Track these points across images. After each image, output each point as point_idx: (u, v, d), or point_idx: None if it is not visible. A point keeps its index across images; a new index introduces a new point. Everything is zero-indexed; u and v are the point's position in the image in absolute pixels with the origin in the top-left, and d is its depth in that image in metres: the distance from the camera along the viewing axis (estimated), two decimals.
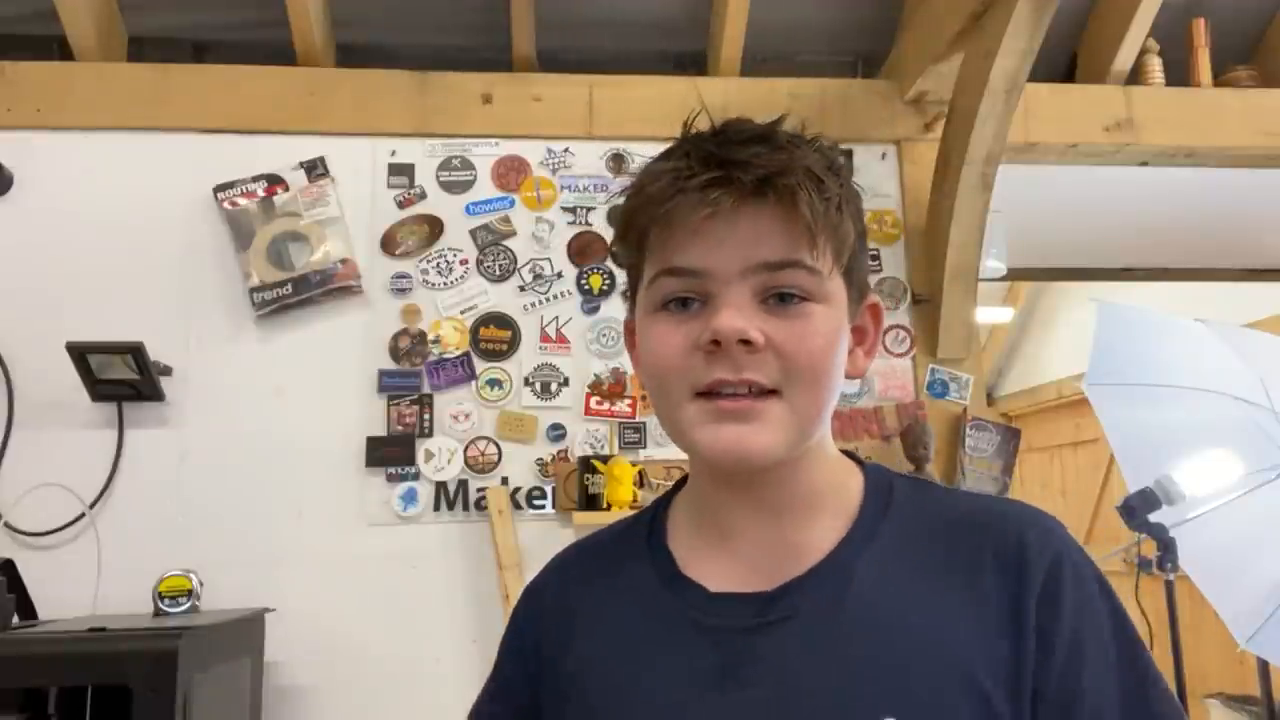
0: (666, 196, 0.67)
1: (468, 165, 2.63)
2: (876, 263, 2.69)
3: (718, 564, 0.74)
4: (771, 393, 0.67)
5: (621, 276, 2.68)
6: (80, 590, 2.29)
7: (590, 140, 2.67)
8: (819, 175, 0.67)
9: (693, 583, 0.74)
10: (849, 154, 2.74)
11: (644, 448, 2.53)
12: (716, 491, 0.75)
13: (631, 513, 0.87)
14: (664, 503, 0.83)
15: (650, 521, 0.81)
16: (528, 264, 2.60)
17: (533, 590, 0.85)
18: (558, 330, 2.56)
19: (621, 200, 0.73)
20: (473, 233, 2.60)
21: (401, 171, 2.61)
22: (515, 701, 0.81)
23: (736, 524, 0.74)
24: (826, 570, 0.70)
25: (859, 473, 0.77)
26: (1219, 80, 2.86)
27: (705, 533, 0.76)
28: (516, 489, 2.47)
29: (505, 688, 0.83)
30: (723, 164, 0.66)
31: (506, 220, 2.61)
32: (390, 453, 2.46)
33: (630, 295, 0.77)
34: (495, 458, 2.49)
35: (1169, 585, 2.05)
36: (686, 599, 0.73)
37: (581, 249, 2.62)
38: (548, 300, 2.58)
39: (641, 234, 0.71)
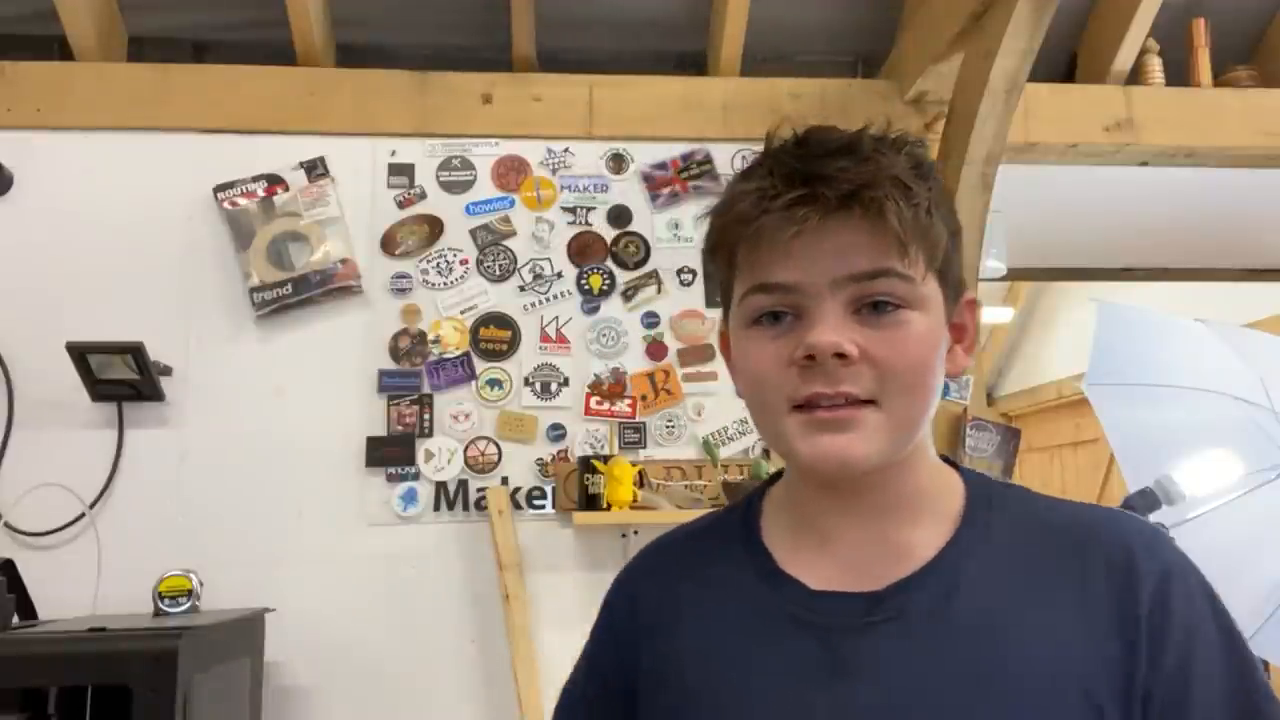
0: (753, 216, 0.67)
1: (468, 165, 2.63)
2: None
3: (818, 564, 0.74)
4: (868, 402, 0.67)
5: (622, 277, 2.69)
6: (80, 590, 2.29)
7: (590, 140, 2.67)
8: (906, 183, 0.67)
9: (792, 579, 0.74)
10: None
11: (644, 448, 2.53)
12: (818, 496, 0.75)
13: (713, 510, 0.88)
14: (754, 500, 0.83)
15: (742, 518, 0.81)
16: (528, 264, 2.60)
17: (625, 578, 0.86)
18: (558, 330, 2.56)
19: (709, 216, 0.74)
20: (473, 233, 2.60)
21: (401, 171, 2.61)
22: (606, 685, 0.83)
23: (837, 527, 0.74)
24: (934, 572, 0.70)
25: (958, 476, 0.77)
26: (1219, 80, 2.86)
27: (804, 534, 0.76)
28: (516, 489, 2.47)
29: (596, 671, 0.85)
30: (807, 180, 0.66)
31: (506, 220, 2.61)
32: (390, 453, 2.46)
33: (723, 306, 0.77)
34: (495, 458, 2.49)
35: None
36: (786, 595, 0.73)
37: (581, 249, 2.62)
38: (548, 300, 2.58)
39: (730, 252, 0.71)
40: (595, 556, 2.46)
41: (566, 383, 2.54)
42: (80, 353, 2.28)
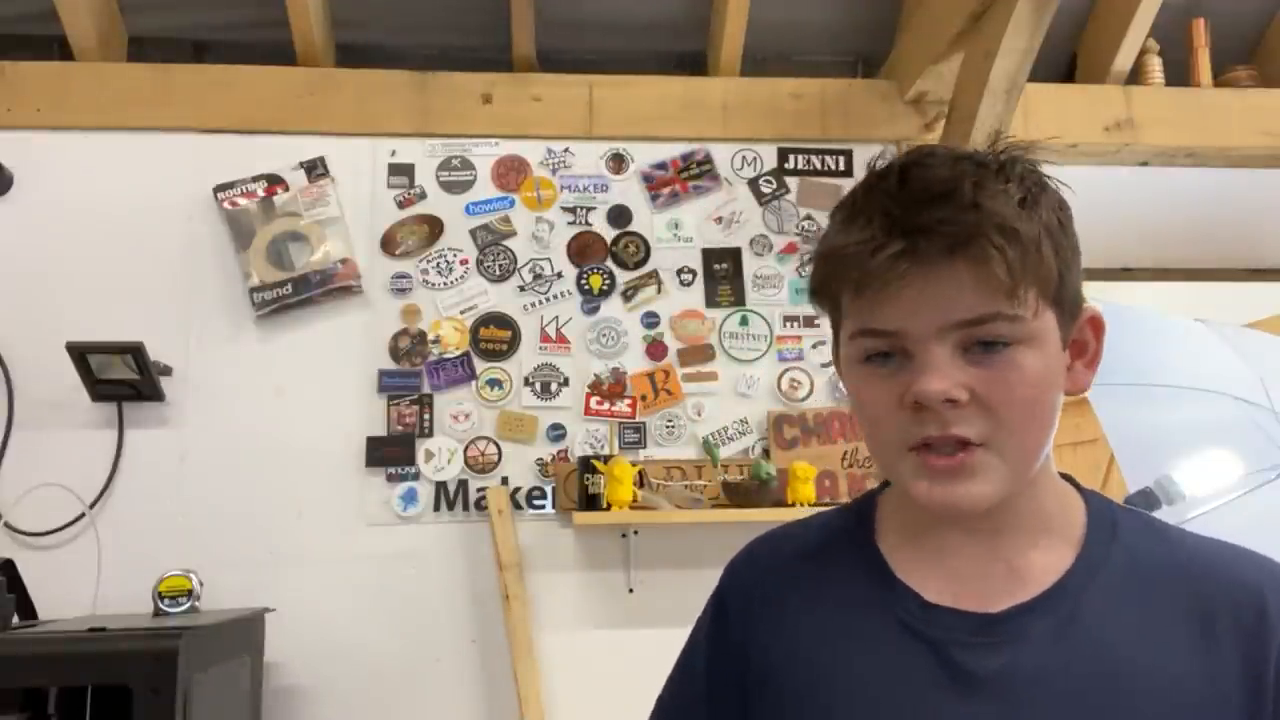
0: (854, 266, 0.67)
1: (468, 165, 2.62)
2: None
3: (933, 576, 0.74)
4: (982, 444, 0.67)
5: (622, 276, 2.69)
6: (80, 590, 2.29)
7: (590, 140, 2.67)
8: (1012, 225, 0.65)
9: (906, 588, 0.74)
10: (848, 154, 2.75)
11: (644, 448, 2.53)
12: (936, 515, 0.74)
13: (826, 509, 0.88)
14: (868, 501, 0.83)
15: (858, 519, 0.81)
16: (528, 264, 2.59)
17: (739, 568, 0.86)
18: (558, 330, 2.56)
19: (810, 259, 0.74)
20: (473, 233, 2.60)
21: (401, 171, 2.61)
22: (720, 675, 0.82)
23: (954, 543, 0.74)
24: (1053, 599, 0.70)
25: (1081, 500, 0.76)
26: (1219, 80, 2.86)
27: (920, 544, 0.76)
28: (516, 489, 2.47)
29: (710, 662, 0.83)
30: (908, 232, 0.65)
31: (506, 220, 2.61)
32: (390, 453, 2.46)
33: (833, 335, 0.77)
34: (495, 458, 2.49)
35: None
36: (900, 603, 0.73)
37: (581, 249, 2.62)
38: (548, 300, 2.58)
39: (835, 296, 0.72)
40: (595, 556, 2.46)
41: (566, 383, 2.54)
42: (80, 353, 2.28)
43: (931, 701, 0.68)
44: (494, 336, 2.55)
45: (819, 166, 2.72)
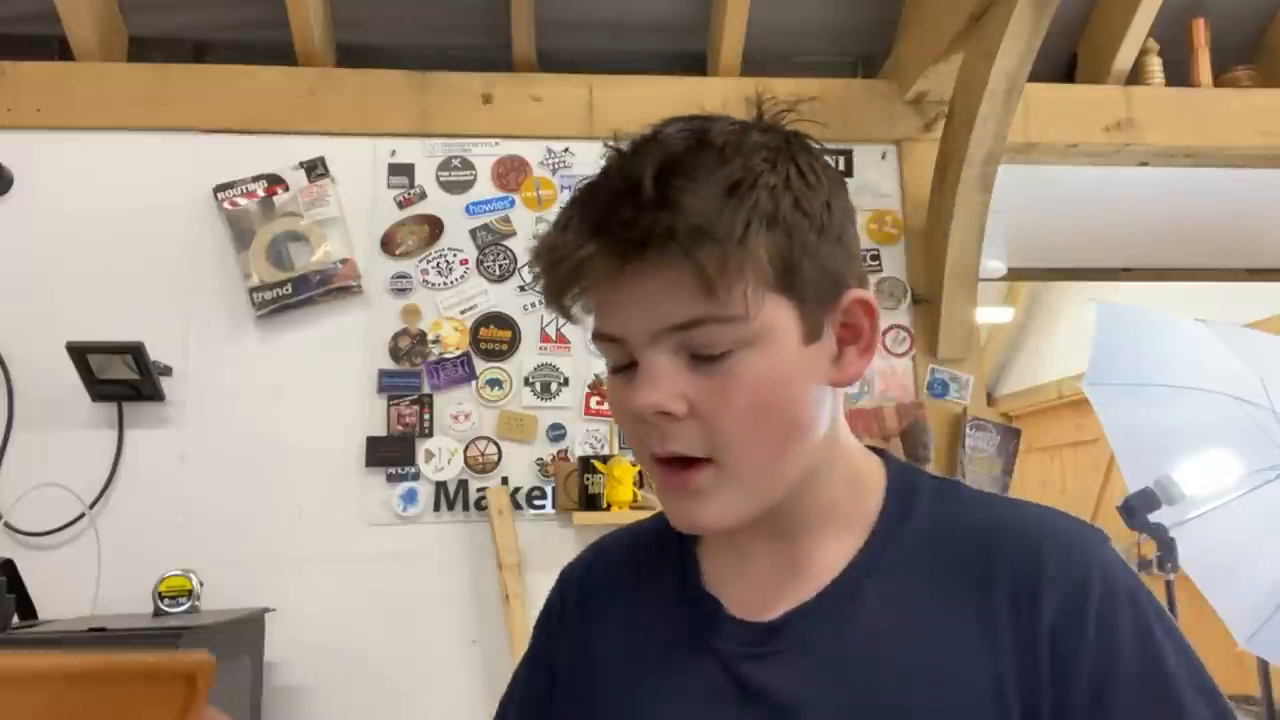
0: (555, 273, 0.63)
1: (468, 165, 2.63)
2: (877, 262, 2.69)
3: (736, 584, 0.71)
4: (708, 459, 0.63)
5: None
6: (80, 590, 2.29)
7: (590, 140, 2.67)
8: (697, 224, 0.58)
9: (710, 598, 0.71)
10: (848, 154, 2.74)
11: None
12: None
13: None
14: None
15: None
16: (528, 264, 2.60)
17: (565, 576, 0.84)
18: (557, 330, 2.56)
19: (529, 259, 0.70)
20: (473, 233, 2.60)
21: (401, 171, 2.61)
22: (545, 682, 0.80)
23: (748, 544, 0.71)
24: (831, 596, 0.67)
25: (882, 478, 0.71)
26: (1219, 80, 2.86)
27: (727, 550, 0.73)
28: (516, 489, 2.47)
29: (536, 669, 0.82)
30: (597, 230, 0.60)
31: (506, 220, 2.61)
32: (390, 453, 2.45)
33: None
34: (495, 458, 2.49)
35: (1169, 585, 2.05)
36: (697, 615, 0.71)
37: None
38: None
39: (556, 304, 0.66)
40: None
41: (566, 383, 2.54)
42: (80, 353, 2.28)
43: (710, 717, 0.66)
44: (494, 336, 2.55)
45: None
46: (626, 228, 0.59)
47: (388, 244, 2.57)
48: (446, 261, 2.57)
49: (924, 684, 0.62)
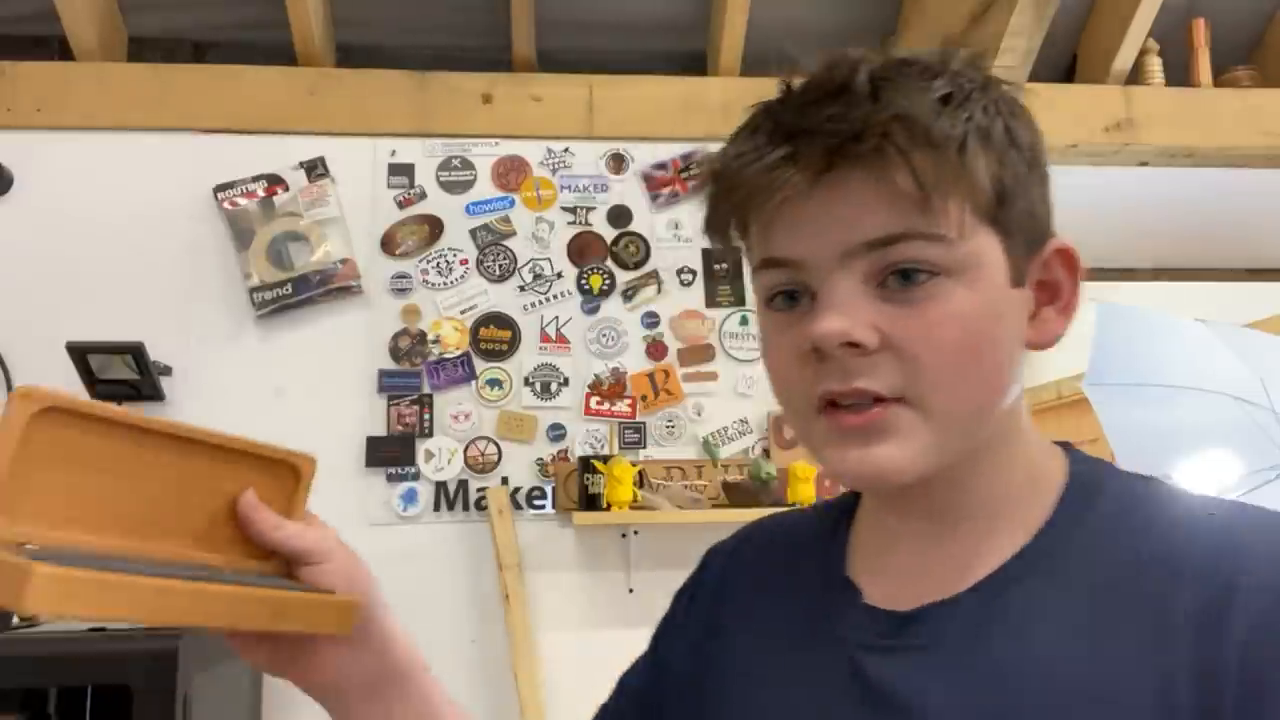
0: (738, 184, 0.57)
1: (468, 165, 2.63)
2: None
3: (881, 571, 0.64)
4: (900, 399, 0.55)
5: (622, 276, 2.69)
6: None
7: (590, 140, 2.67)
8: (921, 119, 0.52)
9: (849, 584, 0.64)
10: None
11: (644, 448, 2.53)
12: (874, 497, 0.66)
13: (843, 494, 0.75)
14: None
15: (842, 506, 0.71)
16: (528, 264, 2.59)
17: (710, 554, 0.78)
18: (558, 330, 2.56)
19: (699, 185, 0.63)
20: (473, 233, 2.60)
21: (401, 171, 2.61)
22: (662, 672, 0.75)
23: (897, 531, 0.64)
24: (979, 594, 0.58)
25: (1065, 473, 0.61)
26: (1219, 80, 2.86)
27: (876, 534, 0.66)
28: (516, 489, 2.47)
29: (658, 657, 0.77)
30: (792, 135, 0.54)
31: (506, 220, 2.61)
32: (390, 453, 2.45)
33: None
34: (495, 458, 2.49)
35: None
36: (835, 604, 0.64)
37: (581, 249, 2.62)
38: (548, 300, 2.58)
39: (723, 225, 0.60)
40: (595, 556, 2.46)
41: (566, 383, 2.54)
42: (80, 353, 2.28)
43: (833, 714, 0.60)
44: (494, 336, 2.55)
45: None
46: (836, 121, 0.53)
47: (388, 244, 2.57)
48: (446, 261, 2.57)
49: (1076, 702, 0.52)
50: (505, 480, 2.48)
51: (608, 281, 2.61)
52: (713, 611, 0.73)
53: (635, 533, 2.45)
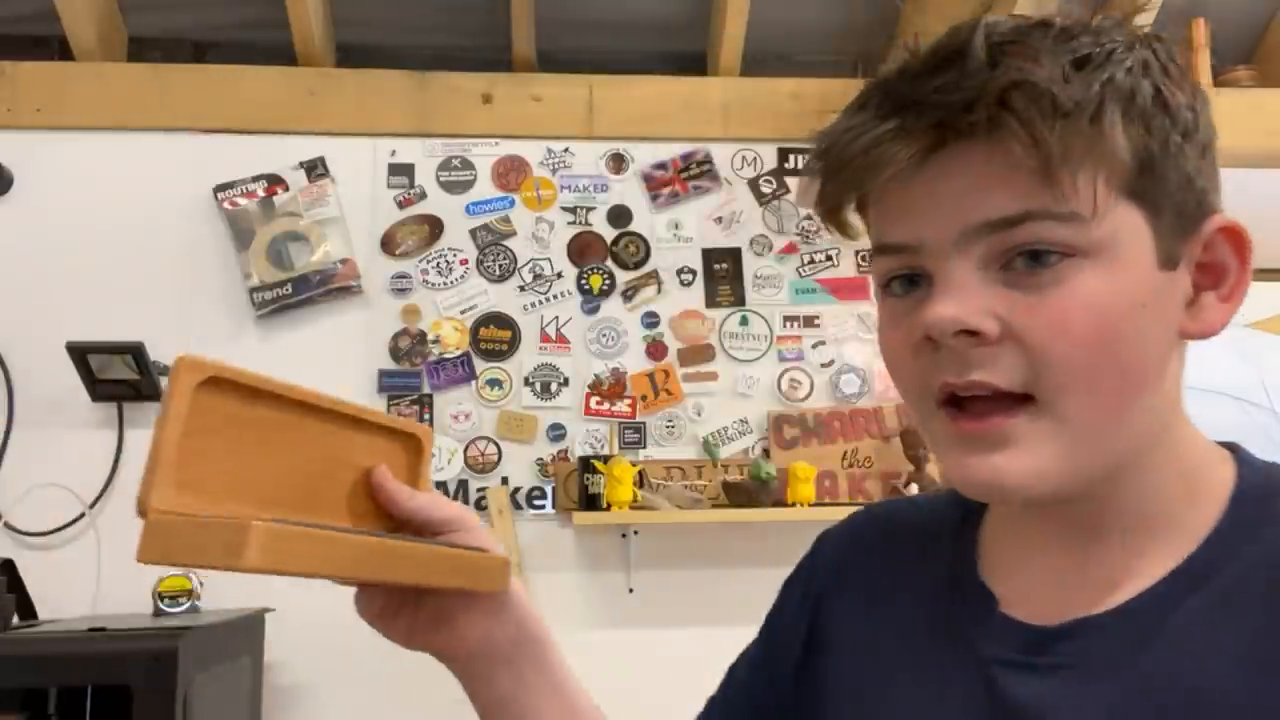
0: (843, 162, 0.51)
1: (468, 165, 2.63)
2: None
3: (1019, 578, 0.58)
4: (1026, 398, 0.49)
5: (622, 276, 2.69)
6: (80, 590, 2.29)
7: (590, 140, 2.67)
8: (1043, 85, 0.46)
9: (983, 590, 0.58)
10: None
11: (644, 448, 2.53)
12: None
13: None
14: None
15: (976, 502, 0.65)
16: (528, 264, 2.59)
17: (820, 542, 0.73)
18: (558, 330, 2.56)
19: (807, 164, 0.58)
20: (473, 233, 2.60)
21: (401, 171, 2.61)
22: (774, 668, 0.70)
23: (1035, 540, 0.57)
24: (1132, 613, 0.52)
25: (1232, 479, 0.54)
26: (1219, 80, 2.86)
27: (1010, 537, 0.60)
28: (516, 489, 2.47)
29: (768, 649, 0.72)
30: (900, 109, 0.49)
31: (506, 220, 2.61)
32: None
33: None
34: (495, 458, 2.49)
35: None
36: (964, 608, 0.59)
37: (581, 249, 2.62)
38: (548, 300, 2.58)
39: (834, 206, 0.55)
40: (595, 556, 2.46)
41: (566, 383, 2.54)
42: (80, 353, 2.28)
43: None
44: (494, 336, 2.55)
45: None
46: (946, 92, 0.48)
47: (388, 244, 2.57)
48: (446, 261, 2.57)
49: None
50: (505, 480, 2.48)
51: (608, 281, 2.61)
52: (825, 602, 0.69)
53: (635, 533, 2.45)
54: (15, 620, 1.98)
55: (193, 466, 0.54)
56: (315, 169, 2.57)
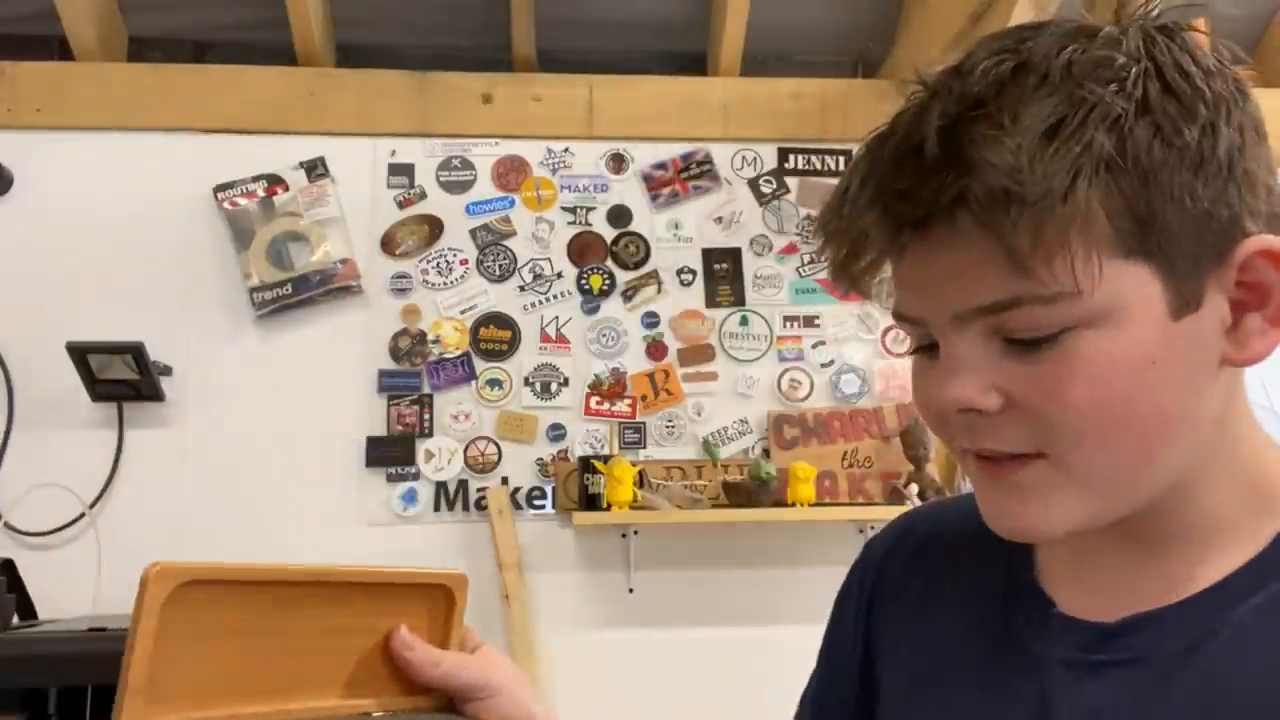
0: (839, 242, 0.52)
1: (468, 165, 2.63)
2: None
3: (1075, 581, 0.58)
4: (1039, 454, 0.50)
5: (622, 276, 2.69)
6: (80, 590, 2.29)
7: (590, 140, 2.67)
8: (1001, 181, 0.44)
9: (1038, 591, 0.58)
10: (848, 154, 2.74)
11: (644, 448, 2.53)
12: None
13: None
14: None
15: None
16: (528, 264, 2.59)
17: (866, 552, 0.72)
18: (558, 330, 2.56)
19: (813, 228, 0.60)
20: (473, 233, 2.60)
21: (401, 171, 2.61)
22: (836, 682, 0.71)
23: (1094, 545, 0.57)
24: (1197, 608, 0.51)
25: None
26: None
27: (1068, 543, 0.58)
28: (516, 489, 2.47)
29: (830, 669, 0.73)
30: (875, 197, 0.49)
31: (506, 220, 2.61)
32: (390, 453, 2.46)
33: None
34: (495, 458, 2.49)
35: None
36: (1026, 612, 0.58)
37: (581, 249, 2.62)
38: (548, 300, 2.58)
39: (850, 280, 0.54)
40: (595, 556, 2.46)
41: (566, 383, 2.54)
42: (80, 353, 2.28)
43: None
44: (494, 336, 2.55)
45: (819, 167, 2.72)
46: (903, 199, 0.47)
47: (388, 244, 2.57)
48: (446, 261, 2.57)
49: None
50: (505, 480, 2.48)
51: (608, 281, 2.61)
52: (877, 608, 0.69)
53: (635, 533, 2.45)
54: (15, 620, 1.98)
55: (166, 680, 0.50)
56: (315, 169, 2.57)
